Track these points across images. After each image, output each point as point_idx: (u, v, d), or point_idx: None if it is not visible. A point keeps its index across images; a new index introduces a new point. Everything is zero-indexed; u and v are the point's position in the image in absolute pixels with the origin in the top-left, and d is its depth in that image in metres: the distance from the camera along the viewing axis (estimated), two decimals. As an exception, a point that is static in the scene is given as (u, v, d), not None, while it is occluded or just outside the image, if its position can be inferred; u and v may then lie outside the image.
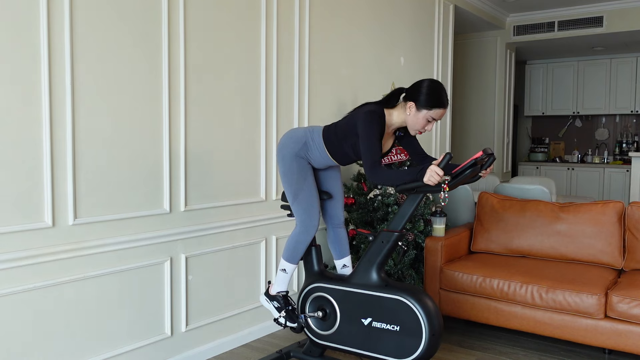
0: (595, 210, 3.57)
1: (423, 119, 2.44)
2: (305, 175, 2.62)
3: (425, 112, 2.41)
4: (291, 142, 2.63)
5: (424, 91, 2.41)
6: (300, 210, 2.64)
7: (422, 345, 2.37)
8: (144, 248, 2.74)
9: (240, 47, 3.18)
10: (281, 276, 2.75)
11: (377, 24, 4.33)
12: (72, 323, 2.47)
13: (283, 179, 2.66)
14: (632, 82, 8.00)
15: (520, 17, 6.80)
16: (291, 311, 2.74)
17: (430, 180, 2.25)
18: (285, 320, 2.72)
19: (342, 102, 3.98)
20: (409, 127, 2.52)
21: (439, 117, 2.45)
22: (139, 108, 2.68)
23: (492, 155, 2.40)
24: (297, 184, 2.61)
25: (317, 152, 2.60)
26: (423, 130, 2.49)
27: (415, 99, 2.42)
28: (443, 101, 2.42)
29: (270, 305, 2.78)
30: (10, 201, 2.22)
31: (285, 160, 2.62)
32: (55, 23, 2.32)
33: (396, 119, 2.52)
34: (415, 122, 2.46)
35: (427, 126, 2.47)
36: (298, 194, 2.62)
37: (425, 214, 3.83)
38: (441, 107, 2.42)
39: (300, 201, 2.62)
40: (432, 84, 2.43)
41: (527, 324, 3.21)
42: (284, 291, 2.77)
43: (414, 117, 2.45)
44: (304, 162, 2.63)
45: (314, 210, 2.63)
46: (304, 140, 2.61)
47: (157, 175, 2.79)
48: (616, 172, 7.95)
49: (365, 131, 2.41)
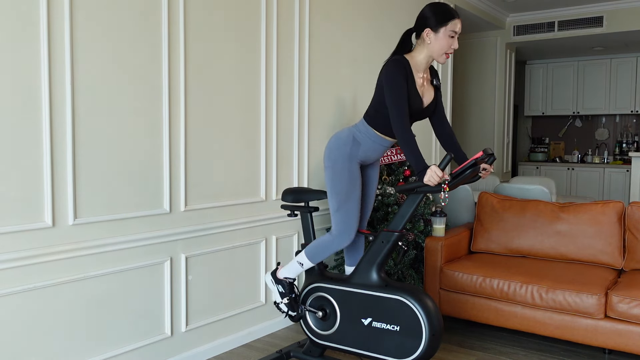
0: (595, 210, 3.57)
1: (445, 37, 2.41)
2: (355, 184, 2.53)
3: (444, 29, 2.40)
4: (341, 144, 2.54)
5: (430, 13, 2.41)
6: (339, 221, 2.55)
7: (422, 345, 2.37)
8: (144, 248, 2.74)
9: (240, 47, 3.18)
10: (295, 267, 2.71)
11: (377, 23, 4.33)
12: (72, 323, 2.47)
13: (330, 185, 2.55)
14: (632, 82, 8.00)
15: (520, 17, 6.80)
16: (294, 299, 2.71)
17: (430, 181, 2.25)
18: (287, 308, 2.70)
19: (342, 102, 3.98)
20: (435, 55, 2.46)
21: (458, 29, 2.43)
22: (139, 108, 2.68)
23: (493, 155, 2.40)
24: (346, 194, 2.51)
25: (368, 140, 2.52)
26: (451, 51, 2.45)
27: (429, 24, 2.42)
28: (452, 12, 2.42)
29: (274, 287, 2.73)
30: (10, 201, 2.22)
31: (337, 164, 2.52)
32: (55, 23, 2.32)
33: (420, 56, 2.47)
34: (439, 45, 2.42)
35: (453, 43, 2.43)
36: (343, 205, 2.52)
37: (425, 214, 3.83)
38: (455, 17, 2.41)
39: (343, 212, 2.53)
40: (433, 4, 2.45)
41: (527, 324, 3.21)
42: (292, 279, 2.74)
43: (435, 41, 2.42)
44: (356, 167, 2.54)
45: (354, 223, 2.55)
46: (352, 136, 2.54)
47: (157, 175, 2.79)
48: (616, 172, 7.95)
49: (388, 83, 2.37)
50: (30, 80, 2.26)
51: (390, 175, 3.84)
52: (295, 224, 3.62)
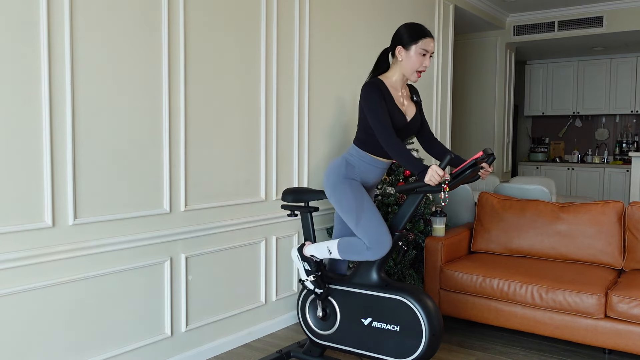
0: (595, 210, 3.57)
1: (416, 55, 2.44)
2: (361, 193, 2.50)
3: (414, 47, 2.43)
4: (335, 168, 2.57)
5: (404, 30, 2.46)
6: (365, 233, 2.43)
7: (422, 345, 2.37)
8: (144, 248, 2.74)
9: (240, 47, 3.18)
10: (323, 249, 2.63)
11: (377, 23, 4.33)
12: (72, 323, 2.47)
13: (340, 208, 2.51)
14: (632, 82, 8.00)
15: (520, 17, 6.80)
16: (320, 277, 2.65)
17: (430, 181, 2.25)
18: (314, 286, 2.63)
19: (342, 102, 3.98)
20: (407, 72, 2.49)
21: (430, 48, 2.45)
22: (139, 108, 2.67)
23: (492, 155, 2.40)
24: (356, 206, 2.46)
25: (362, 162, 2.55)
26: (422, 69, 2.47)
27: (400, 42, 2.46)
28: (424, 31, 2.45)
29: (301, 264, 2.69)
30: (10, 201, 2.22)
31: (337, 186, 2.52)
32: (55, 23, 2.32)
33: (394, 76, 2.52)
34: (411, 63, 2.45)
35: (424, 62, 2.45)
36: (360, 216, 2.44)
37: (425, 214, 3.83)
38: (426, 36, 2.44)
39: (364, 223, 2.43)
40: (407, 23, 2.49)
41: (527, 324, 3.21)
42: (318, 259, 2.69)
43: (406, 59, 2.46)
44: (355, 182, 2.54)
45: (382, 228, 2.42)
46: (344, 161, 2.57)
47: (157, 175, 2.79)
48: (616, 172, 7.95)
49: (366, 105, 2.42)
50: (30, 80, 2.26)
51: (390, 175, 3.84)
52: (295, 224, 3.62)
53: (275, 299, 3.54)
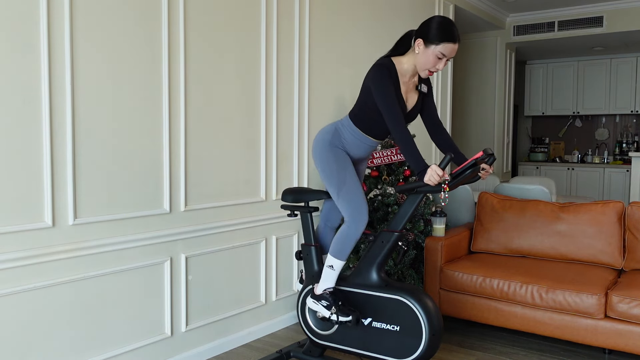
0: (595, 210, 3.57)
1: (432, 56, 2.31)
2: (344, 164, 2.48)
3: (434, 47, 2.30)
4: (323, 134, 2.55)
5: (433, 25, 2.30)
6: (345, 204, 2.46)
7: (422, 345, 2.37)
8: (144, 248, 2.74)
9: (240, 47, 3.18)
10: (328, 273, 2.55)
11: (377, 23, 4.33)
12: (72, 323, 2.47)
13: (323, 175, 2.52)
14: (632, 82, 8.00)
15: (520, 17, 6.80)
16: (342, 305, 2.52)
17: (430, 180, 2.25)
18: (338, 316, 2.49)
19: (342, 102, 3.98)
20: (418, 66, 2.38)
21: (450, 53, 2.32)
22: (139, 108, 2.67)
23: (493, 155, 2.40)
24: (338, 176, 2.46)
25: (350, 135, 2.51)
26: (434, 70, 2.36)
27: (424, 35, 2.32)
28: (453, 34, 2.29)
29: (318, 306, 2.56)
30: (10, 201, 2.22)
31: (322, 153, 2.51)
32: (55, 23, 2.32)
33: (407, 64, 2.41)
34: (424, 60, 2.34)
35: (437, 64, 2.33)
36: (341, 187, 2.46)
37: (425, 214, 3.83)
38: (451, 41, 2.29)
39: (344, 194, 2.45)
40: (442, 18, 2.32)
41: (527, 324, 3.21)
42: (331, 288, 2.56)
43: (422, 54, 2.34)
44: (340, 151, 2.51)
45: (361, 201, 2.45)
46: (334, 128, 2.54)
47: (157, 175, 2.79)
48: (616, 172, 7.95)
49: (377, 88, 2.32)
50: (30, 80, 2.26)
51: (390, 175, 3.84)
52: (295, 224, 3.62)
53: (275, 299, 3.54)
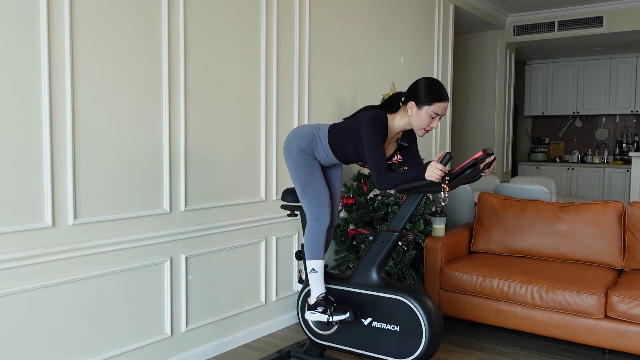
0: (595, 210, 3.57)
1: (426, 116, 2.43)
2: (312, 170, 2.63)
3: (427, 108, 2.41)
4: (298, 139, 2.64)
5: (422, 88, 2.43)
6: (308, 205, 2.62)
7: (422, 345, 2.37)
8: (144, 248, 2.74)
9: (240, 47, 3.18)
10: (313, 278, 2.57)
11: (377, 24, 4.33)
12: (72, 323, 2.47)
13: (291, 174, 2.66)
14: (632, 82, 8.00)
15: (520, 17, 6.80)
16: (337, 306, 2.53)
17: (432, 176, 2.25)
18: (338, 317, 2.48)
19: (342, 102, 3.98)
20: (414, 127, 2.50)
21: (442, 111, 2.44)
22: (139, 108, 2.68)
23: (493, 155, 2.40)
24: (305, 179, 2.61)
25: (322, 149, 2.62)
26: (429, 128, 2.48)
27: (415, 98, 2.43)
28: (442, 94, 2.42)
29: (316, 314, 2.55)
30: (10, 201, 2.22)
31: (292, 155, 2.63)
32: (55, 23, 2.32)
33: (398, 123, 2.52)
34: (419, 121, 2.46)
35: (432, 123, 2.46)
36: (306, 189, 2.62)
37: (425, 214, 3.83)
38: (442, 101, 2.42)
39: (308, 196, 2.61)
40: (429, 80, 2.45)
41: (527, 324, 3.21)
42: (323, 293, 2.57)
43: (416, 116, 2.45)
44: (311, 158, 2.63)
45: (323, 203, 2.61)
46: (311, 136, 2.62)
47: (157, 175, 2.79)
48: (616, 172, 7.95)
49: (369, 138, 2.42)
50: (30, 79, 2.26)
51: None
52: (295, 224, 3.62)
53: (275, 299, 3.54)
